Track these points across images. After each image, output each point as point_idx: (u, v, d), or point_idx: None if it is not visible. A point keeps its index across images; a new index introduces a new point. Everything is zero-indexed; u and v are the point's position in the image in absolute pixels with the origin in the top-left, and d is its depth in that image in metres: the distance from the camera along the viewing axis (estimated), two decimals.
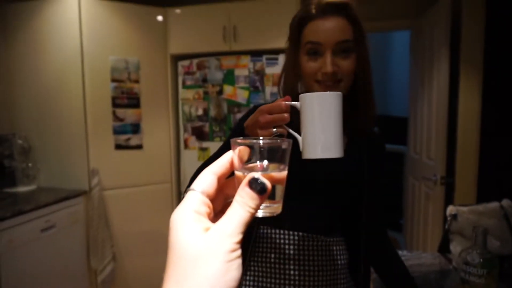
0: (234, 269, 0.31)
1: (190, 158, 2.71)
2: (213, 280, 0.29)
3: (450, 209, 1.30)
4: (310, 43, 0.85)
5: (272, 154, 0.37)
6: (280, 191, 0.39)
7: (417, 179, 2.73)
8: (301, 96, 0.66)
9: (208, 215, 0.35)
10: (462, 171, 2.21)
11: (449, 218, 1.29)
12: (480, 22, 2.08)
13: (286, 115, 0.67)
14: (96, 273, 2.45)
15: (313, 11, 0.84)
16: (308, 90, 0.88)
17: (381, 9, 2.67)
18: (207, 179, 0.36)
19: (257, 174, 0.34)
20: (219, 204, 0.39)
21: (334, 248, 0.95)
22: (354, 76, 0.87)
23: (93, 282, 2.46)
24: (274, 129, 0.68)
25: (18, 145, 2.38)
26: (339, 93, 0.65)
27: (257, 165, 0.37)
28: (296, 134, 0.67)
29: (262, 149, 0.37)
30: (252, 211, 0.33)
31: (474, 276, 0.92)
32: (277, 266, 0.93)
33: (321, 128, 0.64)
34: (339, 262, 0.94)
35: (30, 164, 2.42)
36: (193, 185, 0.35)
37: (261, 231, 0.95)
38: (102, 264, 2.43)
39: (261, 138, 0.37)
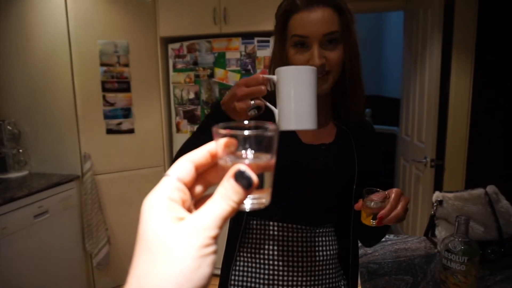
0: (205, 265, 0.28)
1: (182, 142, 2.67)
2: (180, 278, 0.26)
3: (436, 195, 1.32)
4: (296, 36, 0.83)
5: (259, 143, 0.34)
6: (268, 178, 0.36)
7: (408, 161, 2.76)
8: (277, 69, 0.69)
9: (184, 202, 0.32)
10: (452, 154, 2.24)
11: (435, 204, 1.31)
12: (473, 5, 2.05)
13: (263, 87, 0.69)
14: (91, 256, 2.48)
15: (298, 2, 0.82)
16: None
17: None
18: (184, 166, 0.33)
19: (244, 166, 0.31)
20: (200, 192, 0.36)
21: (322, 239, 0.95)
22: (343, 65, 0.86)
23: (89, 265, 2.50)
24: (252, 101, 0.70)
25: (8, 131, 2.36)
26: (314, 67, 0.69)
27: (242, 154, 0.34)
28: (272, 107, 0.71)
29: (247, 139, 0.33)
30: (235, 205, 0.30)
31: (455, 263, 0.94)
32: (258, 251, 0.94)
33: (296, 100, 0.67)
34: (326, 252, 0.95)
35: (20, 150, 2.41)
36: (168, 171, 0.33)
37: (250, 222, 0.97)
38: (97, 247, 2.46)
39: (245, 124, 0.34)
